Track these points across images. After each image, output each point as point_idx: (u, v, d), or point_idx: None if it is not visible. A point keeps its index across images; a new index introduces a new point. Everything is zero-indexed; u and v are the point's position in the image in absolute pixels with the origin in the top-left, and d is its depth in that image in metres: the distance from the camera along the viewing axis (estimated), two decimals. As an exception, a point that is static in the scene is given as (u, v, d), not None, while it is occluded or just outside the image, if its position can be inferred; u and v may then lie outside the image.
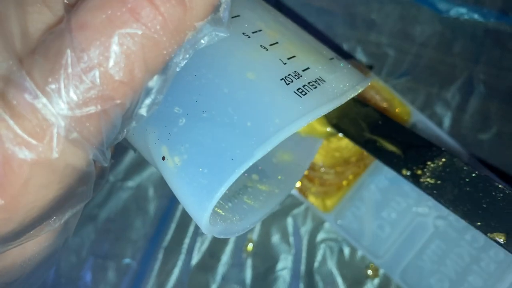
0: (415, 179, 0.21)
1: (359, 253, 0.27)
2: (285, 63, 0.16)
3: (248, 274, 0.27)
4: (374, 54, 0.29)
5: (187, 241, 0.27)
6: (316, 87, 0.15)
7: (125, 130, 0.13)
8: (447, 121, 0.28)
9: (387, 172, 0.27)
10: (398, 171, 0.22)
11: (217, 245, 0.28)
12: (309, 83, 0.15)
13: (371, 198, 0.27)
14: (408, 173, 0.21)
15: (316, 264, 0.27)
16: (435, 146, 0.21)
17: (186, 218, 0.28)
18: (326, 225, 0.28)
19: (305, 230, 0.28)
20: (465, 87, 0.28)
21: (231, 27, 0.15)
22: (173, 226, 0.28)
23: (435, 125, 0.28)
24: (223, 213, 0.18)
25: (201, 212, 0.14)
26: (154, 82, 0.13)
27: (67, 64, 0.11)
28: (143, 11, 0.11)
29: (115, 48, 0.11)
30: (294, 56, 0.16)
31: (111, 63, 0.11)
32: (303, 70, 0.16)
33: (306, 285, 0.27)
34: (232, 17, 0.16)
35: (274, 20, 0.18)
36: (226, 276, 0.27)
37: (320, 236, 0.28)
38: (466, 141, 0.28)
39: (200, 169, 0.14)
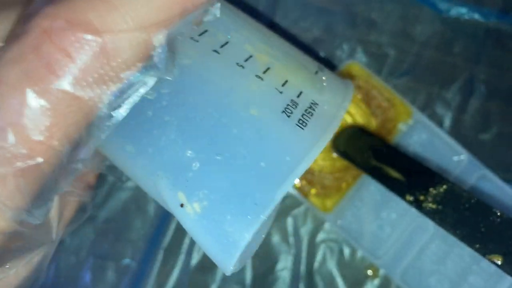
0: (418, 204, 0.23)
1: (359, 253, 0.27)
2: (281, 92, 0.15)
3: (248, 275, 0.27)
4: (375, 54, 0.28)
5: (186, 241, 0.27)
6: (312, 114, 0.15)
7: (66, 182, 0.13)
8: (447, 121, 0.28)
9: (388, 172, 0.27)
10: (402, 196, 0.23)
11: (217, 245, 0.28)
12: (305, 111, 0.15)
13: (371, 199, 0.27)
14: (411, 198, 0.23)
15: (316, 265, 0.27)
16: (437, 173, 0.23)
17: (185, 218, 0.28)
18: (326, 225, 0.28)
19: (305, 231, 0.28)
20: (465, 87, 0.28)
21: (224, 58, 0.15)
22: (172, 226, 0.27)
23: (435, 125, 0.28)
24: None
25: (229, 259, 0.14)
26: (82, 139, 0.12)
27: None
28: (59, 65, 0.11)
29: (31, 104, 0.11)
30: (286, 81, 0.16)
31: (26, 121, 0.11)
32: (298, 96, 0.15)
33: (306, 285, 0.27)
34: (222, 46, 0.15)
35: (259, 39, 0.17)
36: (225, 277, 0.27)
37: (320, 236, 0.28)
38: (466, 141, 0.28)
39: (223, 216, 0.13)
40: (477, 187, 0.27)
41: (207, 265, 0.27)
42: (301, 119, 0.14)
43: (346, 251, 0.28)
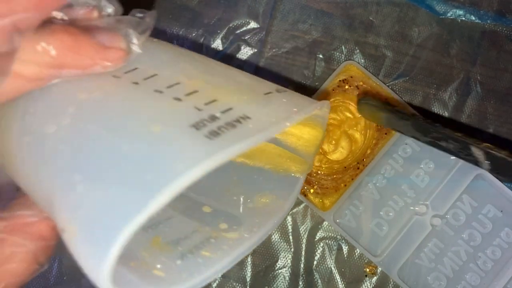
0: None
1: (357, 251, 0.28)
2: (200, 109, 0.15)
3: (248, 272, 0.28)
4: (372, 55, 0.29)
5: (188, 239, 0.28)
6: (235, 126, 0.14)
7: None
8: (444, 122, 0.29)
9: (385, 172, 0.28)
10: None
11: (218, 243, 0.28)
12: (227, 123, 0.14)
13: (369, 197, 0.27)
14: None
15: (315, 262, 0.28)
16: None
17: (187, 217, 0.28)
18: (325, 223, 0.28)
19: (304, 229, 0.28)
20: (462, 88, 0.29)
21: (142, 87, 0.15)
22: (174, 224, 0.28)
23: (432, 125, 0.28)
24: (164, 275, 0.16)
25: (99, 280, 0.13)
26: None
27: None
28: None
29: None
30: (214, 100, 0.15)
31: None
32: (223, 112, 0.15)
33: (305, 283, 0.28)
34: (147, 78, 0.16)
35: (198, 69, 0.17)
36: (226, 274, 0.28)
37: (319, 234, 0.28)
38: (463, 141, 0.28)
39: (96, 234, 0.13)
40: (473, 186, 0.27)
41: (208, 263, 0.28)
42: (214, 131, 0.14)
43: (345, 249, 0.28)
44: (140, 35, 0.16)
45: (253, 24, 0.29)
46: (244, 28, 0.29)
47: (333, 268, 0.28)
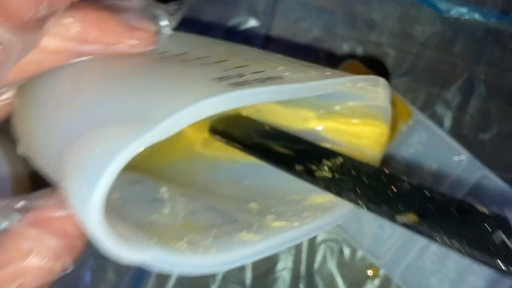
0: (309, 174, 0.19)
1: (359, 253, 0.28)
2: (227, 70, 0.15)
3: (248, 275, 0.28)
4: (375, 54, 0.29)
5: (187, 241, 0.28)
6: (264, 82, 0.14)
7: None
8: (447, 121, 0.28)
9: (388, 172, 0.27)
10: (290, 168, 0.19)
11: (217, 245, 0.28)
12: (255, 79, 0.14)
13: (372, 198, 0.27)
14: (301, 168, 0.19)
15: (316, 265, 0.28)
16: (330, 150, 0.20)
17: (186, 218, 0.28)
18: (326, 225, 0.28)
19: (305, 231, 0.28)
20: (465, 87, 0.29)
21: (169, 59, 0.16)
22: (173, 226, 0.28)
23: (435, 125, 0.28)
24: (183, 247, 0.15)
25: (86, 212, 0.12)
26: None
27: None
28: None
29: None
30: (246, 66, 0.15)
31: None
32: (254, 73, 0.15)
33: (306, 285, 0.27)
34: (177, 55, 0.16)
35: (232, 50, 0.18)
36: (226, 277, 0.27)
37: (320, 236, 0.28)
38: (466, 141, 0.28)
39: (85, 170, 0.12)
40: (477, 187, 0.27)
41: (207, 265, 0.28)
42: (238, 83, 0.14)
43: (346, 251, 0.28)
44: (170, 17, 0.17)
45: (253, 22, 0.29)
46: (244, 26, 0.29)
47: (334, 271, 0.27)
